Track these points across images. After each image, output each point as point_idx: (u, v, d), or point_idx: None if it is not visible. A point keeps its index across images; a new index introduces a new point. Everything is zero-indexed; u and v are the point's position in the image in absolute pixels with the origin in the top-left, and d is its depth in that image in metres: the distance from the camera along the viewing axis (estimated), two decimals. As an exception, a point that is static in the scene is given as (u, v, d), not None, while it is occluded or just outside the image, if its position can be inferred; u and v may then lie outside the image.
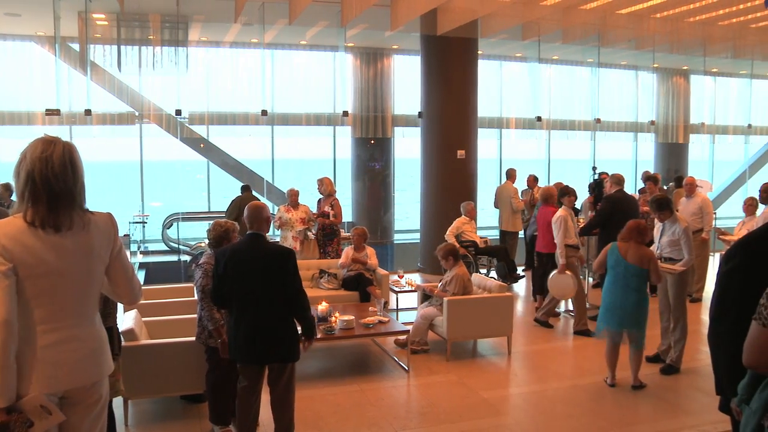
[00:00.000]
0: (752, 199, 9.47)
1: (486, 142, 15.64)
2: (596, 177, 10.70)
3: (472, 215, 11.15)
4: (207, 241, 5.75)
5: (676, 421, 5.97)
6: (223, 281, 4.85)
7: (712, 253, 11.72)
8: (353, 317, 7.16)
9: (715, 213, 11.67)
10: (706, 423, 5.86)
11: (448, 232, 10.88)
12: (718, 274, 3.10)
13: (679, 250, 7.20)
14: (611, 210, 8.82)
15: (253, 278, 4.82)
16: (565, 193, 8.89)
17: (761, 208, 9.04)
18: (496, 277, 11.21)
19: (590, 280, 11.22)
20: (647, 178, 11.44)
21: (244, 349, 4.90)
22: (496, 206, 12.68)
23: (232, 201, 11.39)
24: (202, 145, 15.03)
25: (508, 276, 11.26)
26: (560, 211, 8.55)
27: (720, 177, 20.47)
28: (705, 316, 9.64)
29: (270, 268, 4.85)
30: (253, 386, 5.03)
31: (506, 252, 11.39)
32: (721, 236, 9.14)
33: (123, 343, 5.48)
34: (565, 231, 8.41)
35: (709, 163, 19.80)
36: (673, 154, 19.30)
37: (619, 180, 9.29)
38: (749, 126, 18.80)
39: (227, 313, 5.03)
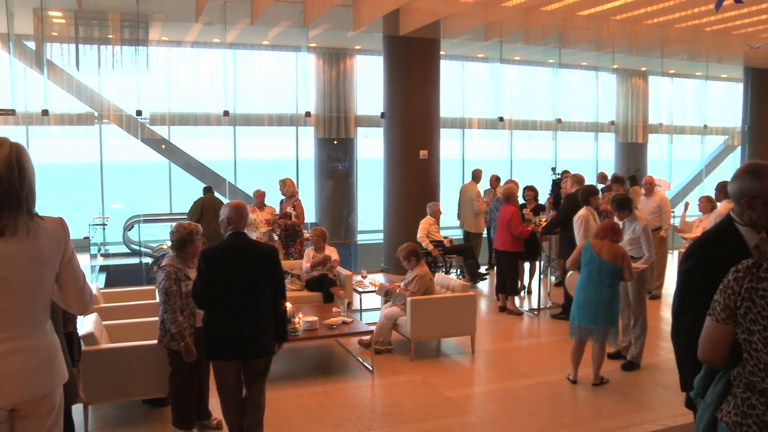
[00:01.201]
0: (708, 197, 9.67)
1: (448, 142, 15.72)
2: (555, 177, 10.83)
3: (437, 215, 11.19)
4: (169, 243, 5.67)
5: (637, 416, 6.05)
6: (214, 282, 4.80)
7: (670, 251, 11.93)
8: (317, 318, 7.13)
9: (673, 211, 11.87)
10: (666, 417, 5.97)
11: (420, 234, 10.91)
12: (678, 273, 3.17)
13: (639, 248, 7.34)
14: (572, 208, 8.92)
15: (245, 276, 4.85)
16: (592, 193, 8.73)
17: (719, 205, 9.21)
18: (465, 275, 11.26)
19: (552, 278, 11.36)
20: (614, 179, 11.56)
21: (236, 346, 4.85)
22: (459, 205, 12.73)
23: (195, 202, 11.27)
24: (163, 146, 14.85)
25: (477, 274, 11.33)
26: (582, 211, 8.42)
27: (678, 176, 20.86)
28: (664, 313, 9.81)
29: (261, 265, 4.91)
30: (239, 385, 5.00)
31: (472, 250, 11.47)
32: (680, 234, 9.30)
33: (83, 348, 5.39)
34: (585, 231, 8.26)
35: (668, 163, 20.17)
36: (633, 153, 19.61)
37: (579, 180, 9.40)
38: (705, 126, 19.18)
39: (206, 313, 4.95)
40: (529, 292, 10.94)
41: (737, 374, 2.54)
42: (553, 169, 12.23)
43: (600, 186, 11.48)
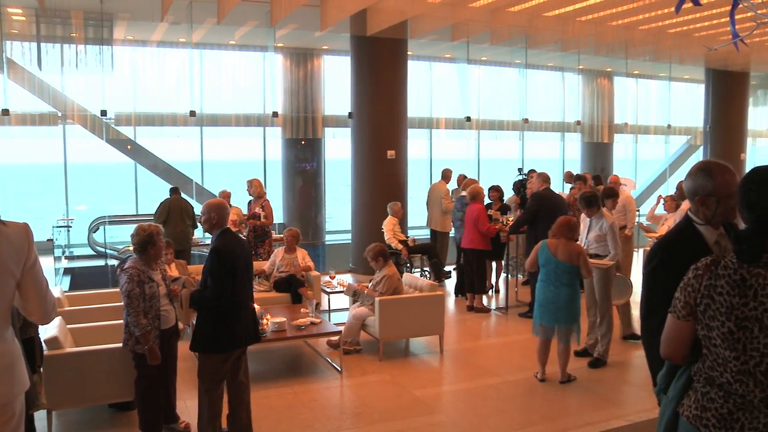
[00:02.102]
0: (672, 196, 9.83)
1: (416, 142, 15.73)
2: (522, 177, 10.90)
3: (399, 215, 11.24)
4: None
5: (604, 412, 6.12)
6: (234, 277, 5.05)
7: (636, 250, 12.08)
8: (285, 319, 7.10)
9: (638, 210, 12.04)
10: (632, 413, 6.05)
11: (388, 235, 10.95)
12: (642, 275, 3.22)
13: (606, 245, 7.42)
14: (538, 207, 9.01)
15: (248, 271, 5.31)
16: (611, 194, 8.61)
17: (683, 204, 9.35)
18: (431, 274, 11.31)
19: (519, 276, 11.44)
20: (578, 178, 11.71)
21: (244, 336, 5.20)
22: (428, 205, 12.75)
23: (161, 204, 11.16)
24: (129, 147, 14.66)
25: (442, 273, 11.38)
26: (604, 211, 8.33)
27: (643, 175, 21.16)
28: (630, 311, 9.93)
29: (251, 260, 5.49)
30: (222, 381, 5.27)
31: (435, 249, 11.50)
32: (646, 233, 9.43)
33: (46, 353, 5.31)
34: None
35: (633, 162, 20.44)
36: (599, 153, 19.83)
37: (546, 178, 9.48)
38: (669, 126, 19.46)
39: (213, 309, 5.06)
40: (497, 291, 11.01)
41: (697, 369, 2.60)
42: (520, 170, 12.31)
43: (567, 186, 11.61)
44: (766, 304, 2.32)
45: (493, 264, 11.09)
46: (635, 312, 8.54)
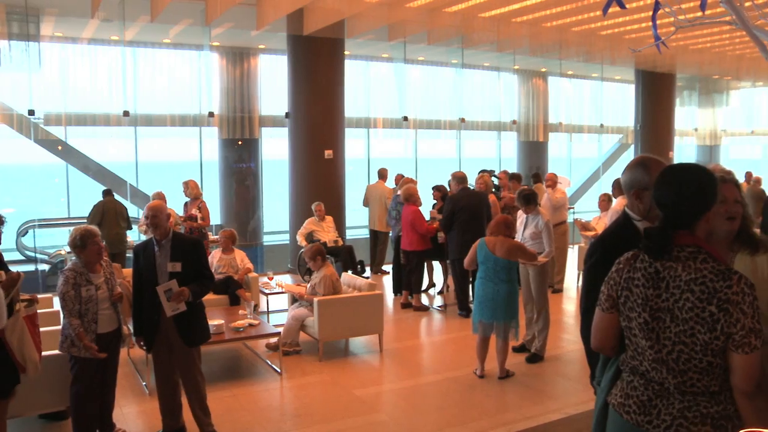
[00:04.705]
0: (606, 195, 10.07)
1: (354, 141, 15.71)
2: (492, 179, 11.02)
3: (320, 215, 11.25)
4: (67, 248, 5.51)
5: (541, 406, 6.23)
6: None
7: (571, 246, 12.36)
8: (223, 321, 6.99)
9: (573, 207, 12.30)
10: (568, 406, 6.18)
11: (298, 234, 11.02)
12: (583, 271, 3.29)
13: (541, 242, 7.58)
14: (452, 208, 9.16)
15: None
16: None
17: (614, 202, 9.60)
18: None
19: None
20: (512, 176, 11.92)
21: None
22: (365, 205, 12.75)
23: (95, 206, 10.89)
24: (59, 148, 14.22)
25: (356, 271, 11.36)
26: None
27: (577, 173, 21.62)
28: (566, 306, 10.15)
29: None
30: None
31: (349, 252, 11.42)
32: (583, 231, 9.65)
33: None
34: None
35: (567, 160, 20.87)
36: (534, 151, 20.16)
37: (461, 178, 9.58)
38: (601, 125, 19.93)
39: (198, 303, 5.43)
40: (441, 292, 11.06)
41: (623, 359, 2.70)
42: (491, 172, 12.41)
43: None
44: (676, 295, 2.42)
45: (436, 263, 11.18)
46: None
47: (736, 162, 26.02)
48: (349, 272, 10.21)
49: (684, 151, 23.62)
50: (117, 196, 11.55)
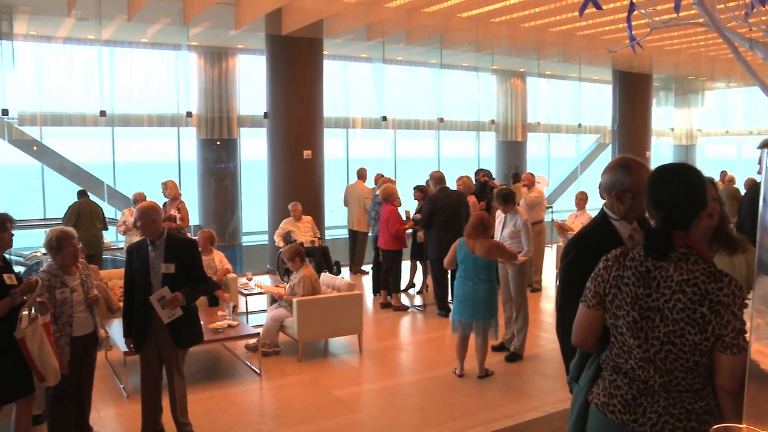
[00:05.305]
0: (583, 193, 10.17)
1: (333, 141, 15.71)
2: (481, 180, 11.04)
3: (297, 215, 11.24)
4: (42, 250, 5.44)
5: (520, 404, 6.26)
6: None
7: (548, 245, 12.44)
8: (201, 322, 6.95)
9: (551, 207, 12.38)
10: (547, 404, 6.21)
11: (275, 235, 11.02)
12: (559, 269, 3.30)
13: (520, 241, 7.63)
14: (431, 209, 9.19)
15: None
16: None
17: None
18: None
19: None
20: (484, 175, 12.03)
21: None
22: (345, 205, 12.75)
23: (70, 207, 10.78)
24: (35, 148, 14.06)
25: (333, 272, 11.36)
26: None
27: (555, 173, 21.77)
28: (545, 305, 10.21)
29: None
30: None
31: (324, 253, 11.40)
32: (560, 231, 9.73)
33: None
34: None
35: (546, 160, 21.01)
36: (513, 151, 20.25)
37: (439, 179, 9.60)
38: (579, 125, 20.07)
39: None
40: (420, 292, 11.08)
41: (605, 357, 2.70)
42: (489, 174, 12.44)
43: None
44: (667, 295, 2.43)
45: (417, 263, 11.21)
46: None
47: (711, 161, 26.34)
48: (326, 272, 10.20)
49: (661, 151, 23.85)
50: (93, 197, 11.44)
